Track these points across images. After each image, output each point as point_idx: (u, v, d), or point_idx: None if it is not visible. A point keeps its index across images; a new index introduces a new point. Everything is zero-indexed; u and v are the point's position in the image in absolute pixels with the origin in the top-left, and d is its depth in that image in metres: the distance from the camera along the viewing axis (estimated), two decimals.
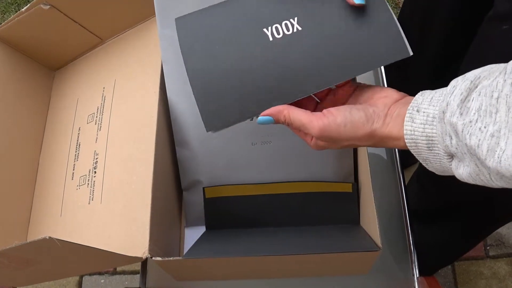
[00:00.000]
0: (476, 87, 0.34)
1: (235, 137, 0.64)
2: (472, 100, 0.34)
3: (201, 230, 0.68)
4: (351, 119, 0.42)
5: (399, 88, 0.45)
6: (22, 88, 0.71)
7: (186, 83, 0.49)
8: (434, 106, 0.38)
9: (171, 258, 0.52)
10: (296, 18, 0.48)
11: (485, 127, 0.32)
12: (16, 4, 1.57)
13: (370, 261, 0.55)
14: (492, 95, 0.32)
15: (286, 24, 0.48)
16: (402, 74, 0.80)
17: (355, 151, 0.65)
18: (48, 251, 0.47)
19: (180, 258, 0.53)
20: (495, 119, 0.32)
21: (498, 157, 0.31)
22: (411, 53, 0.45)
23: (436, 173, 0.41)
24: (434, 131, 0.37)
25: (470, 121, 0.33)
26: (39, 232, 0.64)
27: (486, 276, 1.09)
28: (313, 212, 0.65)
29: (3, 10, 1.57)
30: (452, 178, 0.39)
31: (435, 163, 0.39)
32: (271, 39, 0.48)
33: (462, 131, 0.33)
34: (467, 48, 0.60)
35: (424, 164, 0.40)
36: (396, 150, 0.73)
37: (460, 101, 0.34)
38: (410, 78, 0.81)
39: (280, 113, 0.45)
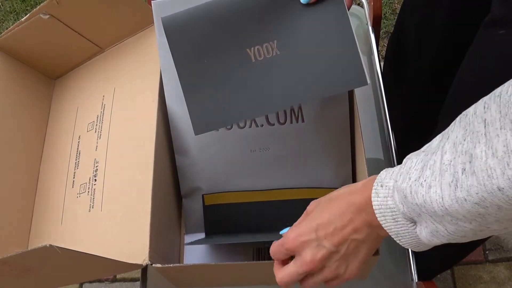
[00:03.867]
0: (427, 155, 0.36)
1: (234, 144, 0.64)
2: (418, 163, 0.36)
3: (200, 237, 0.68)
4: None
5: (398, 101, 0.46)
6: (22, 97, 0.71)
7: None
8: (393, 179, 0.39)
9: (171, 265, 0.53)
10: (275, 42, 0.53)
11: (425, 180, 0.34)
12: (15, 13, 1.58)
13: (369, 265, 0.56)
14: (433, 152, 0.34)
15: (267, 47, 0.53)
16: (400, 86, 0.80)
17: (353, 158, 0.66)
18: (49, 258, 0.47)
19: (180, 264, 0.53)
20: (433, 170, 0.34)
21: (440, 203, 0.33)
22: (369, 82, 0.50)
23: (412, 249, 0.41)
24: (393, 202, 0.38)
25: (415, 180, 0.35)
26: (40, 241, 0.64)
27: (485, 280, 1.09)
28: None
29: (1, 19, 1.58)
30: None
31: (405, 235, 0.40)
32: (253, 60, 0.54)
33: (411, 193, 0.35)
34: (464, 55, 0.61)
35: (398, 242, 0.41)
36: (394, 157, 0.73)
37: (413, 168, 0.36)
38: (408, 88, 0.82)
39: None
